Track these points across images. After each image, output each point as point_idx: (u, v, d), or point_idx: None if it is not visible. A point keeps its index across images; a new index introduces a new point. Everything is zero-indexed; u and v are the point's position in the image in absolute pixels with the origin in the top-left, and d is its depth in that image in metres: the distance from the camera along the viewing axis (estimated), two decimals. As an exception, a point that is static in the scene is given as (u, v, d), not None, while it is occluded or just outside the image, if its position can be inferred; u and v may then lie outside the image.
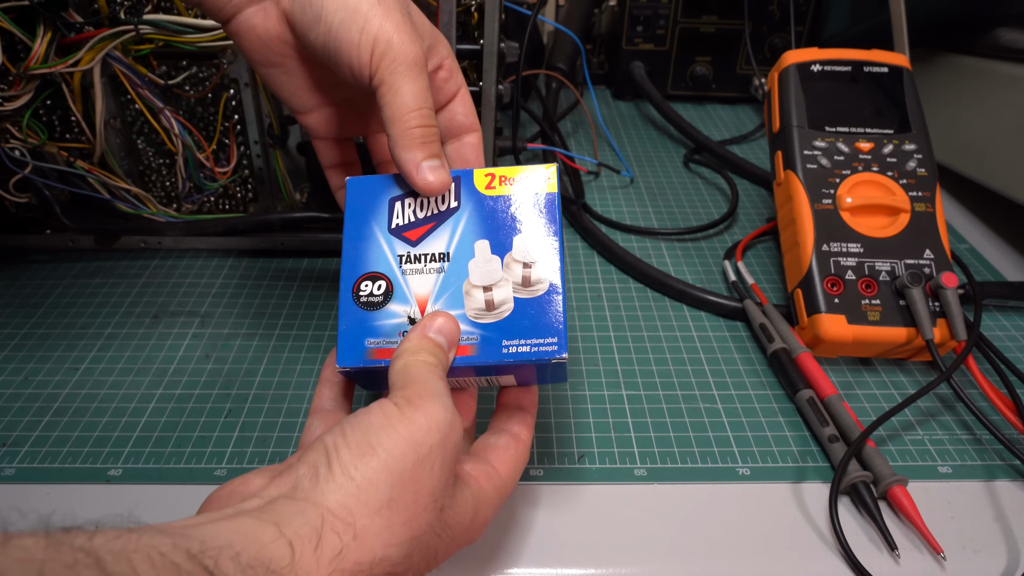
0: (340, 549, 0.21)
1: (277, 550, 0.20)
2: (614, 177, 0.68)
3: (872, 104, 0.50)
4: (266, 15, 0.31)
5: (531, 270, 0.30)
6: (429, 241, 0.31)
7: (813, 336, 0.44)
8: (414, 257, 0.31)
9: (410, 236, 0.31)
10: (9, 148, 0.44)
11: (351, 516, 0.22)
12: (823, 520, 0.36)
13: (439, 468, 0.25)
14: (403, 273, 0.31)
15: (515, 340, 0.30)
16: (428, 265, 0.31)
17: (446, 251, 0.31)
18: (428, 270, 0.31)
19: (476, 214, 0.31)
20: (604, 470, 0.38)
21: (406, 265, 0.31)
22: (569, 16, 0.81)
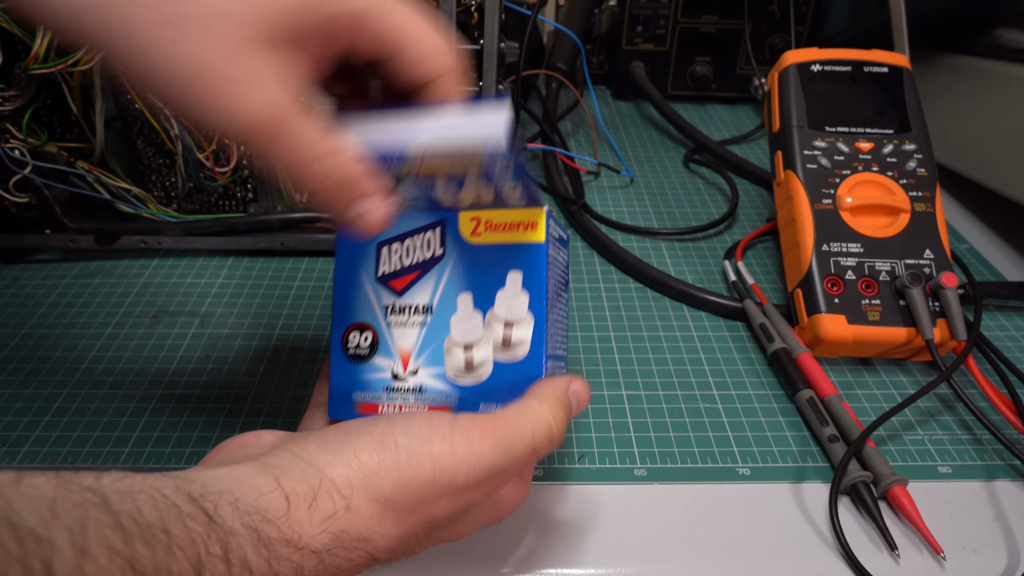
0: (333, 512, 0.22)
1: (274, 500, 0.21)
2: (614, 177, 0.68)
3: (872, 104, 0.50)
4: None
5: (511, 331, 0.29)
6: (413, 292, 0.30)
7: (813, 336, 0.44)
8: (398, 308, 0.30)
9: (395, 285, 0.30)
10: (9, 148, 0.44)
11: (349, 490, 0.22)
12: (823, 520, 0.36)
13: (447, 505, 0.24)
14: (388, 325, 0.30)
15: (492, 405, 0.28)
16: (411, 318, 0.30)
17: (429, 303, 0.30)
18: (411, 323, 0.30)
19: (461, 264, 0.30)
20: (604, 470, 0.38)
21: (391, 316, 0.30)
22: (569, 16, 0.81)
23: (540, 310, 0.29)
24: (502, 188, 0.27)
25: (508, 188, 0.27)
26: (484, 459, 0.24)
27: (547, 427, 0.26)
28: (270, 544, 0.20)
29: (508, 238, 0.29)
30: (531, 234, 0.29)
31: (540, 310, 0.29)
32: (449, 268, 0.30)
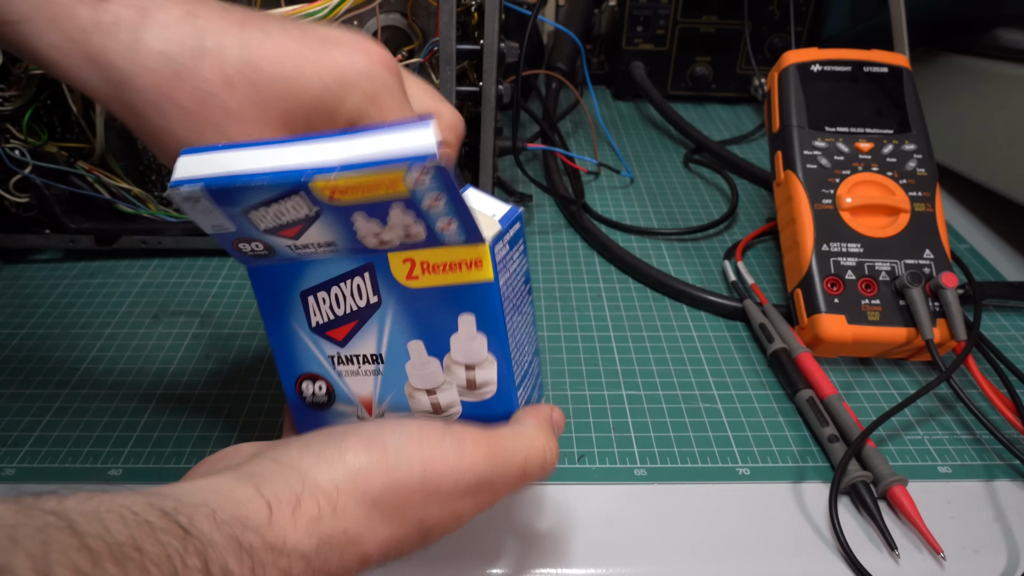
0: (318, 516, 0.21)
1: (254, 509, 0.20)
2: (614, 177, 0.68)
3: (872, 104, 0.50)
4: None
5: (474, 372, 0.27)
6: (356, 341, 0.27)
7: (813, 336, 0.44)
8: (345, 358, 0.28)
9: (334, 336, 0.27)
10: (9, 148, 0.44)
11: (335, 492, 0.22)
12: (823, 520, 0.36)
13: (440, 511, 0.24)
14: (339, 375, 0.28)
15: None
16: (363, 367, 0.28)
17: (377, 352, 0.27)
18: (364, 372, 0.28)
19: (402, 310, 0.26)
20: (604, 470, 0.38)
21: (340, 367, 0.28)
22: (569, 16, 0.81)
23: (503, 348, 0.26)
24: (434, 222, 0.24)
25: (442, 222, 0.24)
26: (474, 469, 0.24)
27: (541, 453, 0.26)
28: (252, 551, 0.19)
29: (451, 279, 0.25)
30: (477, 273, 0.25)
31: (503, 348, 0.26)
32: (390, 315, 0.27)
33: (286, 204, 0.24)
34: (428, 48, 0.46)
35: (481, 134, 0.48)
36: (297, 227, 0.25)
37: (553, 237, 0.59)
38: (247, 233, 0.25)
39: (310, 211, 0.24)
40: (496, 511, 0.36)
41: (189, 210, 0.25)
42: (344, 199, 0.23)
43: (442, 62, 0.44)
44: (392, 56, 0.26)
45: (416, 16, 0.46)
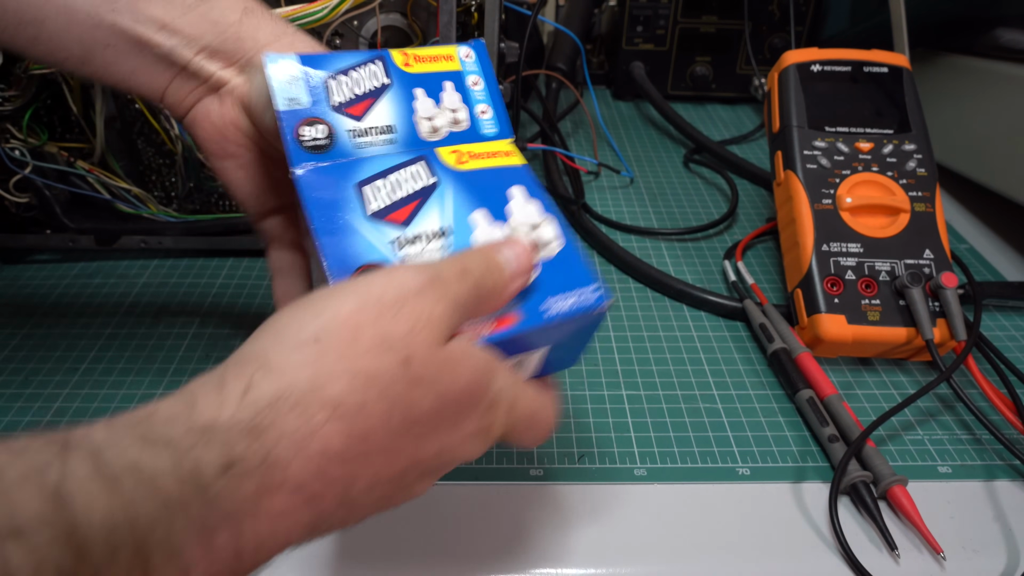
0: (248, 382, 0.18)
1: (169, 406, 0.18)
2: (614, 177, 0.68)
3: (872, 104, 0.50)
4: (221, 101, 0.31)
5: (539, 231, 0.29)
6: (420, 220, 0.27)
7: (813, 336, 0.44)
8: (410, 239, 0.27)
9: (396, 218, 0.27)
10: (9, 148, 0.44)
11: (263, 353, 0.19)
12: (823, 520, 0.36)
13: (396, 320, 0.20)
14: (403, 259, 0.26)
15: (555, 298, 0.27)
16: (429, 245, 0.27)
17: (442, 227, 0.27)
18: (430, 249, 0.27)
19: (459, 187, 0.29)
20: (604, 470, 0.38)
21: (404, 250, 0.27)
22: (569, 16, 0.81)
23: (555, 210, 0.30)
24: (474, 105, 0.31)
25: (480, 107, 0.31)
26: (412, 278, 0.21)
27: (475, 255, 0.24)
28: (171, 441, 0.17)
29: (494, 163, 0.30)
30: (514, 158, 0.31)
31: (555, 210, 0.30)
32: (450, 192, 0.28)
33: (365, 70, 0.29)
34: (428, 48, 0.46)
35: (481, 134, 0.48)
36: (368, 101, 0.29)
37: (553, 237, 0.58)
38: (317, 111, 0.28)
39: (385, 80, 0.30)
40: (496, 511, 0.36)
41: (273, 74, 0.28)
42: (413, 69, 0.30)
43: (442, 62, 0.44)
44: None
45: (416, 16, 0.46)
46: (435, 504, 0.36)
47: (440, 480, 0.37)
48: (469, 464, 0.38)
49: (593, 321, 0.28)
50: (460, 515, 0.35)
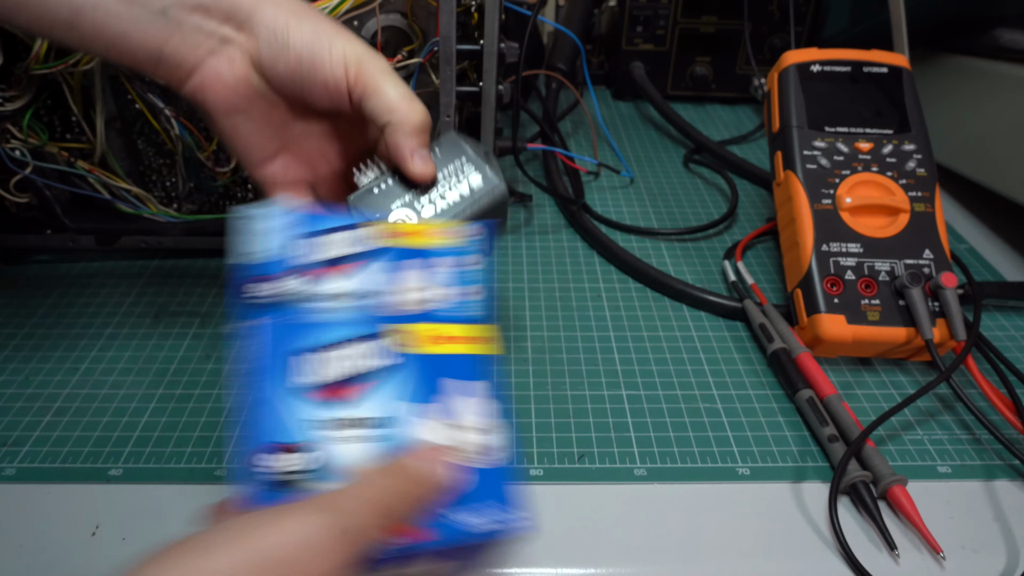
0: None
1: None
2: (614, 177, 0.68)
3: (872, 104, 0.50)
4: (231, 61, 0.31)
5: (485, 438, 0.26)
6: (361, 402, 0.25)
7: (813, 336, 0.44)
8: (341, 423, 0.25)
9: (331, 396, 0.25)
10: (9, 148, 0.44)
11: None
12: (823, 520, 0.36)
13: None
14: (333, 442, 0.24)
15: (474, 515, 0.24)
16: (363, 432, 0.25)
17: (383, 416, 0.25)
18: (362, 438, 0.24)
19: (418, 372, 0.26)
20: (604, 470, 0.38)
21: (329, 433, 0.24)
22: (569, 16, 0.81)
23: (510, 420, 0.27)
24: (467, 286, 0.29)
25: (473, 288, 0.29)
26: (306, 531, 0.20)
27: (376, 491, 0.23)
28: None
29: (467, 349, 0.27)
30: (491, 347, 0.28)
31: (510, 420, 0.27)
32: (405, 376, 0.26)
33: (349, 235, 0.28)
34: (428, 48, 0.46)
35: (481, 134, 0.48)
36: (348, 265, 0.28)
37: (553, 237, 0.59)
38: (275, 268, 0.27)
39: (372, 246, 0.29)
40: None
41: (246, 227, 0.27)
42: (410, 242, 0.29)
43: (442, 62, 0.44)
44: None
45: (416, 16, 0.46)
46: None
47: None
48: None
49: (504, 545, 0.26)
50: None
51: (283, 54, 0.31)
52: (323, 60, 0.31)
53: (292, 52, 0.31)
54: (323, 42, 0.31)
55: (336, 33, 0.31)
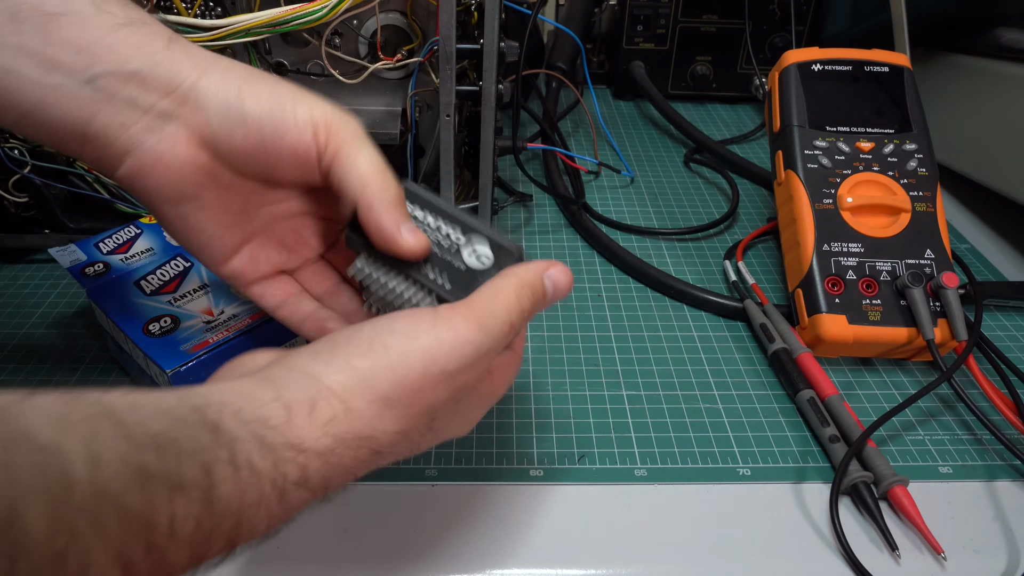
0: (333, 417, 0.22)
1: (274, 410, 0.21)
2: (614, 177, 0.68)
3: (873, 104, 0.50)
4: (174, 141, 0.27)
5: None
6: (185, 285, 0.40)
7: (814, 336, 0.44)
8: (182, 295, 0.40)
9: (169, 289, 0.40)
10: (9, 148, 0.44)
11: (347, 395, 0.23)
12: (824, 520, 0.36)
13: (444, 391, 0.24)
14: (179, 307, 0.39)
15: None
16: (195, 295, 0.39)
17: (203, 283, 0.40)
18: (197, 296, 0.39)
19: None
20: (604, 470, 0.38)
21: (178, 303, 0.39)
22: (569, 16, 0.81)
23: None
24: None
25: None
26: (471, 341, 0.24)
27: (519, 299, 0.26)
28: (274, 448, 0.21)
29: None
30: None
31: None
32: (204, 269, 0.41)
33: (123, 233, 0.44)
34: (428, 48, 0.46)
35: (481, 134, 0.48)
36: (127, 244, 0.43)
37: (553, 237, 0.58)
38: (94, 258, 0.42)
39: (136, 231, 0.44)
40: (496, 511, 0.36)
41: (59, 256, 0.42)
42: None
43: (442, 61, 0.44)
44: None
45: (416, 15, 0.46)
46: (436, 503, 0.36)
47: (440, 480, 0.37)
48: (469, 464, 0.38)
49: None
50: (460, 515, 0.35)
51: (239, 125, 0.27)
52: (287, 124, 0.27)
53: (250, 120, 0.27)
54: (285, 105, 0.27)
55: (297, 94, 0.28)
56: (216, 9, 0.44)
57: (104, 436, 0.17)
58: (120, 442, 0.17)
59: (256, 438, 0.20)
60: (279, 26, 0.41)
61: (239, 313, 0.39)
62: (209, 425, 0.19)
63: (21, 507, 0.15)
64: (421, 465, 0.38)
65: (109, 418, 0.17)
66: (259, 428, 0.21)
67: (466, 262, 0.28)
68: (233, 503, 0.19)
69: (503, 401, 0.42)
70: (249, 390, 0.22)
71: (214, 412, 0.20)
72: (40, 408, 0.17)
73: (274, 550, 0.33)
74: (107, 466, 0.16)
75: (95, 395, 0.18)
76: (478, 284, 0.27)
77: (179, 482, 0.18)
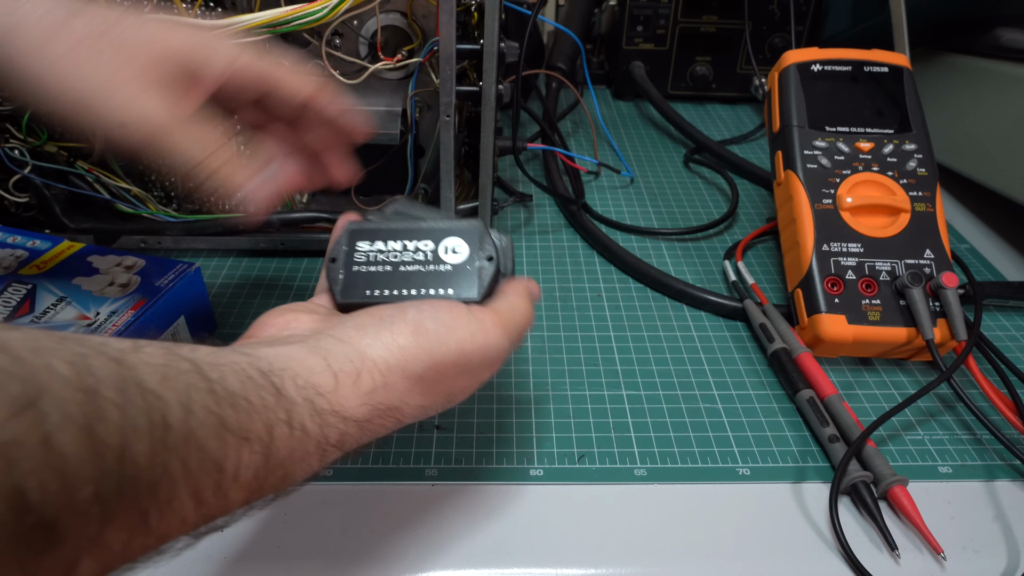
0: (372, 388, 0.25)
1: (324, 378, 0.24)
2: (614, 177, 0.68)
3: (872, 104, 0.50)
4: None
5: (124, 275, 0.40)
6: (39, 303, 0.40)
7: (813, 336, 0.44)
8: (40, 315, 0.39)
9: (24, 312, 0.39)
10: (9, 148, 0.44)
11: (388, 370, 0.26)
12: (823, 520, 0.36)
13: (467, 380, 0.29)
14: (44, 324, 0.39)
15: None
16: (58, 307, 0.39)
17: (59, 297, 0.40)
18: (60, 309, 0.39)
19: (49, 276, 0.41)
20: (604, 470, 0.38)
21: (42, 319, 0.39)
22: (569, 16, 0.81)
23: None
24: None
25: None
26: (498, 344, 0.28)
27: (527, 317, 0.31)
28: (322, 413, 0.24)
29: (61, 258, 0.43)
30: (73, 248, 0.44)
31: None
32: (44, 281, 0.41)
33: None
34: (428, 48, 0.46)
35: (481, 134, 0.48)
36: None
37: (553, 237, 0.58)
38: None
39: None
40: (496, 510, 0.36)
41: None
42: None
43: (442, 62, 0.44)
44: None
45: (416, 15, 0.46)
46: (436, 503, 0.36)
47: (440, 480, 0.37)
48: (469, 464, 0.38)
49: None
50: (460, 515, 0.35)
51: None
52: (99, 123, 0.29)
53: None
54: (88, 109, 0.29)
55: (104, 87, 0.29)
56: (216, 9, 0.44)
57: (194, 390, 0.20)
58: (206, 396, 0.20)
59: (309, 403, 0.23)
60: (279, 26, 0.41)
61: (117, 309, 0.39)
62: (273, 388, 0.23)
63: (131, 440, 0.18)
64: (421, 465, 0.38)
65: (198, 374, 0.20)
66: (312, 394, 0.24)
67: (449, 262, 0.31)
68: (285, 457, 0.23)
69: (503, 401, 0.42)
70: (303, 357, 0.25)
71: (277, 376, 0.23)
72: (147, 359, 0.20)
73: (274, 550, 0.33)
74: (195, 415, 0.19)
75: (187, 350, 0.21)
76: (471, 274, 0.30)
77: (247, 436, 0.21)
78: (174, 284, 0.41)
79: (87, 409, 0.17)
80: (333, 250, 0.31)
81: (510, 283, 0.32)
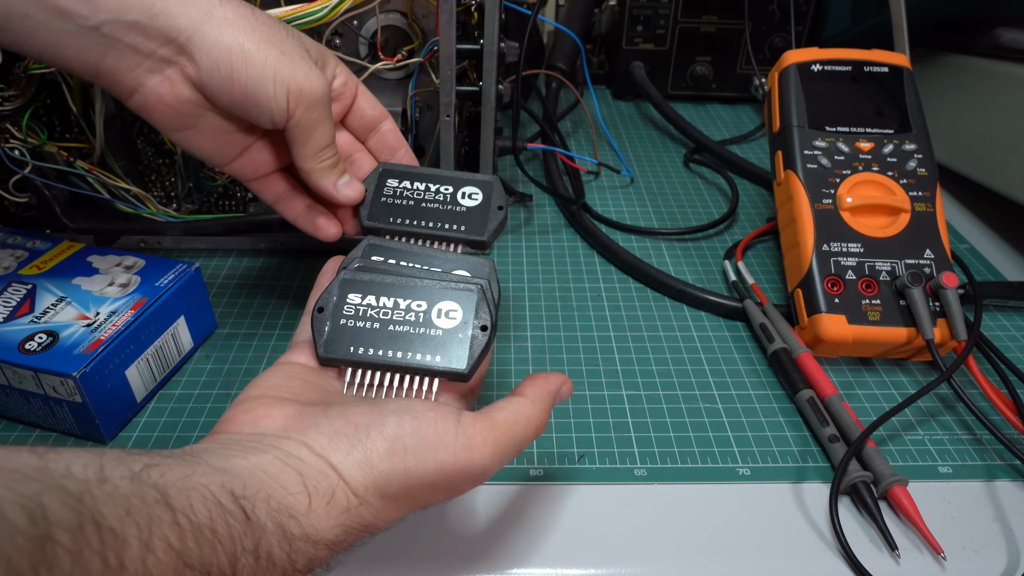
0: (347, 508, 0.25)
1: (298, 500, 0.24)
2: (614, 177, 0.68)
3: (872, 104, 0.50)
4: (172, 83, 0.31)
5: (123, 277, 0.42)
6: (40, 303, 0.40)
7: (813, 336, 0.44)
8: (41, 314, 0.39)
9: (24, 312, 0.39)
10: (9, 148, 0.44)
11: (364, 492, 0.25)
12: (823, 520, 0.36)
13: (443, 495, 0.27)
14: (49, 320, 0.38)
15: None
16: (59, 307, 0.39)
17: (60, 297, 0.40)
18: (61, 308, 0.39)
19: (49, 276, 0.41)
20: (604, 470, 0.38)
21: (44, 317, 0.38)
22: (569, 16, 0.81)
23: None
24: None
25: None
26: (483, 465, 0.27)
27: (536, 430, 0.29)
28: (292, 540, 0.23)
29: (59, 260, 0.43)
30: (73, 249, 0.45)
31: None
32: (44, 281, 0.41)
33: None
34: (428, 48, 0.46)
35: (481, 134, 0.48)
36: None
37: (553, 237, 0.58)
38: None
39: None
40: (496, 511, 0.36)
41: None
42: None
43: (442, 62, 0.44)
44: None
45: (416, 15, 0.46)
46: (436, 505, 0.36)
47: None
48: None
49: None
50: (461, 515, 0.35)
51: (226, 86, 0.31)
52: (267, 96, 0.31)
53: (236, 86, 0.31)
54: (267, 77, 0.31)
55: (281, 60, 0.31)
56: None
57: (156, 523, 0.19)
58: (168, 530, 0.20)
59: (280, 528, 0.23)
60: (279, 26, 0.41)
61: (117, 308, 0.39)
62: (243, 515, 0.22)
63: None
64: (421, 465, 0.38)
65: (163, 504, 0.20)
66: (284, 518, 0.23)
67: (441, 326, 0.30)
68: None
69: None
70: (277, 473, 0.24)
71: (248, 502, 0.22)
72: (110, 491, 0.19)
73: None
74: (154, 554, 0.19)
75: (156, 474, 0.21)
76: (462, 343, 0.30)
77: (208, 571, 0.20)
78: (174, 284, 0.41)
79: (34, 560, 0.16)
80: (322, 299, 0.31)
81: (532, 382, 0.30)
